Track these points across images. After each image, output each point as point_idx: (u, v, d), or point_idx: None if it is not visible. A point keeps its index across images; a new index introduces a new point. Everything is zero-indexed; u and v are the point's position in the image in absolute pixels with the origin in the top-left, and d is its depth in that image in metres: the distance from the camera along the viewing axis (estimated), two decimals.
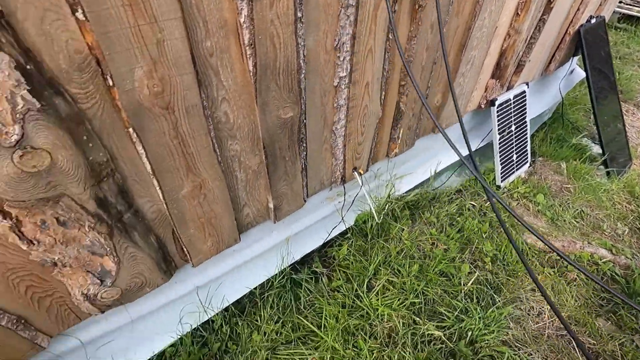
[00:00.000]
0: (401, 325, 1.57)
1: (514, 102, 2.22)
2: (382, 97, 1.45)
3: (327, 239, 1.80)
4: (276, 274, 1.64)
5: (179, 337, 1.43)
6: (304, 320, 1.55)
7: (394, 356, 1.49)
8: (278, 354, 1.48)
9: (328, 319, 1.56)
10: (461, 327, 1.60)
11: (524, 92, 2.27)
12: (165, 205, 1.06)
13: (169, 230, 1.16)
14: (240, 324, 1.54)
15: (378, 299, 1.66)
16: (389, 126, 1.64)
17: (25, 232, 0.84)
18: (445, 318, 1.62)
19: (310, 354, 1.47)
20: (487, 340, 1.57)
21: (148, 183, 1.00)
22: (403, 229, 1.92)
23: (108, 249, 1.01)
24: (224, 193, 1.19)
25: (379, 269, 1.78)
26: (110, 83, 0.77)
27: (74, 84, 0.74)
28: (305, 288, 1.68)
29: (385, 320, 1.61)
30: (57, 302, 1.04)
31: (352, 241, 1.83)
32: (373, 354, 1.49)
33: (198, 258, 1.29)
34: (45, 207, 0.83)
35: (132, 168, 0.94)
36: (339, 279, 1.74)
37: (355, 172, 1.64)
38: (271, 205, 1.40)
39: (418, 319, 1.61)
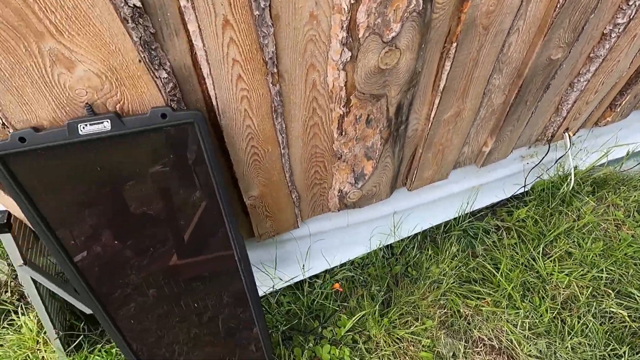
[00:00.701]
0: (585, 296, 1.55)
1: None
2: (638, 53, 1.34)
3: (505, 198, 1.80)
4: (456, 218, 1.71)
5: (370, 251, 1.61)
6: (484, 263, 1.61)
7: (574, 321, 1.49)
8: (453, 289, 1.58)
9: (504, 270, 1.61)
10: None
11: None
12: (429, 125, 1.16)
13: (411, 151, 1.27)
14: (421, 254, 1.66)
15: (555, 266, 1.65)
16: (618, 90, 1.52)
17: (343, 123, 1.01)
18: (638, 300, 1.55)
19: (487, 293, 1.55)
20: None
21: (425, 101, 1.10)
22: (588, 203, 1.83)
23: (377, 154, 1.15)
24: (468, 126, 1.25)
25: (557, 237, 1.74)
26: None
27: None
28: (481, 237, 1.73)
29: (563, 286, 1.59)
30: (320, 191, 1.24)
31: (532, 205, 1.81)
32: (552, 313, 1.51)
33: (417, 183, 1.40)
34: (369, 103, 0.97)
35: (425, 83, 1.04)
36: (513, 238, 1.75)
37: (566, 134, 1.58)
38: (486, 149, 1.43)
39: (600, 293, 1.57)
